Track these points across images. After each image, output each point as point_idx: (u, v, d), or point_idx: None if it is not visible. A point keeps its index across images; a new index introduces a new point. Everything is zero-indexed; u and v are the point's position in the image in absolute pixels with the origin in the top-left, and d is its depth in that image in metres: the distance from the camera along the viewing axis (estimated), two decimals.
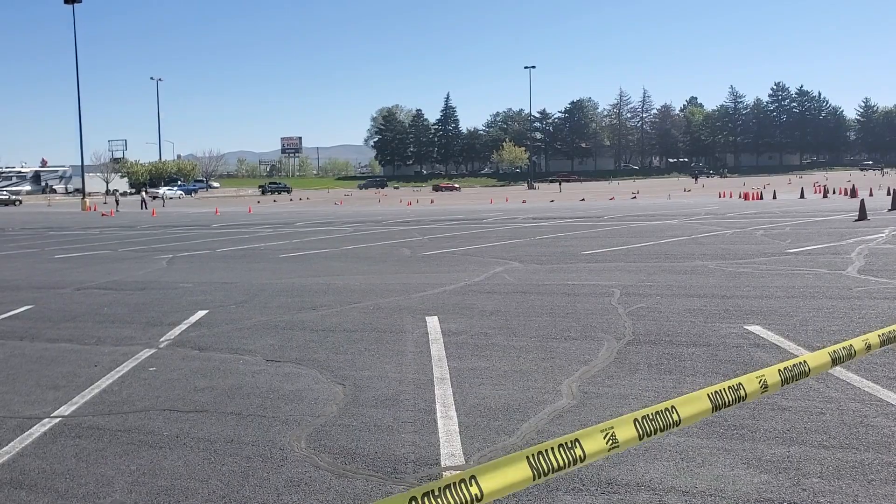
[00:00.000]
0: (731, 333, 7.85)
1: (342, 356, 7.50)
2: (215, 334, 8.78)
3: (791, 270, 12.19)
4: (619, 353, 7.19)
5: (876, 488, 4.12)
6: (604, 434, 2.12)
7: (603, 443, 2.10)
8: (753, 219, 25.29)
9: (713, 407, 2.45)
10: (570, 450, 2.03)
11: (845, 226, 20.73)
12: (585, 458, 2.05)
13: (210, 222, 36.04)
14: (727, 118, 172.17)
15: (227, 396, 6.29)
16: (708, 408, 2.42)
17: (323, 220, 34.80)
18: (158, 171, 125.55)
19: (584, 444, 2.06)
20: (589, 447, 2.06)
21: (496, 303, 10.13)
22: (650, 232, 21.23)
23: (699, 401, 2.41)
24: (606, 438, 2.11)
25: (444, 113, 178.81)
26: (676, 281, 11.53)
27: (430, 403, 5.89)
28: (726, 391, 2.51)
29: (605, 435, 2.11)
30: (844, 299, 9.47)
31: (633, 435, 2.18)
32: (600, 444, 2.09)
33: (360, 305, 10.32)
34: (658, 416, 2.27)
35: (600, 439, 2.10)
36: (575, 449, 2.04)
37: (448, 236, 22.43)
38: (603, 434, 2.11)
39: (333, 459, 4.83)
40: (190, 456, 4.98)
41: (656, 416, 2.26)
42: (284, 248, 19.98)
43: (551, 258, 15.30)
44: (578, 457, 2.04)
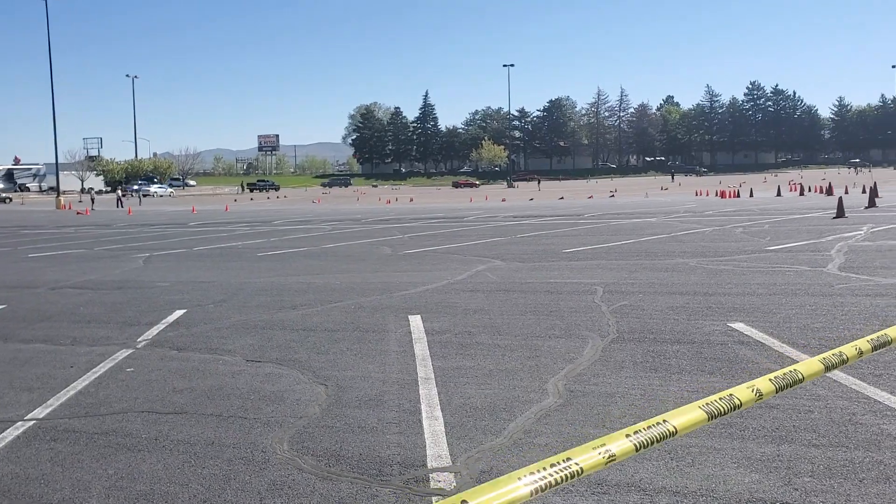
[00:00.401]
0: (715, 331, 7.83)
1: (324, 356, 7.38)
2: (194, 334, 8.63)
3: (772, 268, 12.23)
4: (604, 351, 7.13)
5: (868, 487, 4.08)
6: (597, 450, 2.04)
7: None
8: (732, 216, 25.42)
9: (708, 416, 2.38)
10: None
11: (824, 223, 20.89)
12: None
13: (187, 221, 35.67)
14: (703, 117, 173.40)
15: (206, 397, 6.16)
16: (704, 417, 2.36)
17: (301, 219, 34.57)
18: (134, 170, 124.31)
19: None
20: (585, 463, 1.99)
21: (479, 301, 10.05)
22: (630, 230, 21.27)
23: (693, 412, 2.34)
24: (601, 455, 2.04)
25: (422, 111, 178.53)
26: (658, 278, 11.52)
27: (415, 404, 5.79)
28: (717, 402, 2.44)
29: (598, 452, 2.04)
30: (826, 296, 9.49)
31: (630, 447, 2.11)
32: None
33: (341, 304, 10.20)
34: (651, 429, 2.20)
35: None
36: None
37: (429, 234, 22.34)
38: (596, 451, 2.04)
39: (317, 462, 4.73)
40: (169, 459, 4.86)
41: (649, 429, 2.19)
42: (262, 247, 19.79)
43: (533, 256, 15.26)
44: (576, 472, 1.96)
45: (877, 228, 18.59)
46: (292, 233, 25.06)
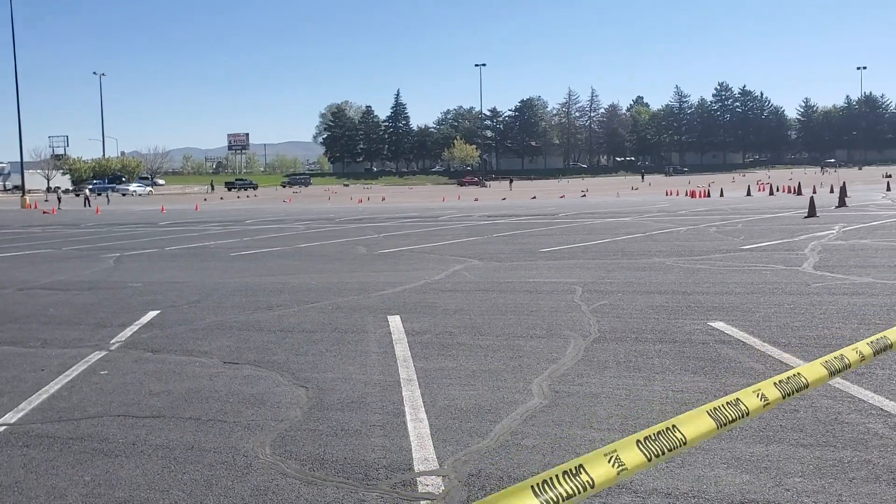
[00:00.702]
0: (696, 330, 7.82)
1: (303, 357, 7.26)
2: (168, 335, 8.45)
3: (748, 267, 12.30)
4: (587, 351, 7.09)
5: (858, 487, 4.07)
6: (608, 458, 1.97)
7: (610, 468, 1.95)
8: (705, 216, 25.61)
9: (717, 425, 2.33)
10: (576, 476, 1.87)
11: (796, 223, 21.10)
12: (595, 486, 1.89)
13: (157, 220, 35.20)
14: (672, 118, 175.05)
15: (184, 401, 6.02)
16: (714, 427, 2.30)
17: (273, 218, 34.27)
18: (102, 168, 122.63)
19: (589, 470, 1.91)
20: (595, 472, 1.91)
21: (459, 301, 9.98)
22: (605, 229, 21.33)
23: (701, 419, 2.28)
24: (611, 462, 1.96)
25: (394, 110, 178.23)
26: (636, 277, 11.53)
27: (399, 406, 5.70)
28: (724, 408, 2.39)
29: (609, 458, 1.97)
30: (804, 295, 9.55)
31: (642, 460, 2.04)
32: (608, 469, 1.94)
33: (318, 305, 10.07)
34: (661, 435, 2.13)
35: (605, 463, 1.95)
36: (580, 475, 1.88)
37: (404, 234, 22.23)
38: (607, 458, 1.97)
39: (301, 466, 4.62)
40: (148, 465, 4.72)
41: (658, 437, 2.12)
42: (235, 247, 19.55)
43: (510, 255, 15.22)
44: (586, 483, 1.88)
45: (848, 228, 18.82)
46: (265, 232, 24.81)
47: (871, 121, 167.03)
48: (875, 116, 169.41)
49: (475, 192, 73.67)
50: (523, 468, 4.46)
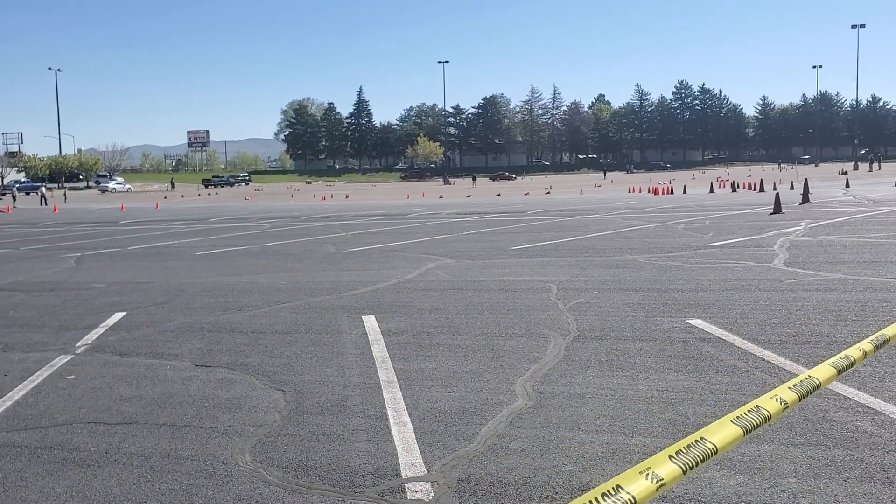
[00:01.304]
0: (675, 328, 7.80)
1: (278, 360, 7.08)
2: (137, 338, 8.21)
3: (720, 263, 12.35)
4: (568, 350, 7.02)
5: (853, 486, 4.03)
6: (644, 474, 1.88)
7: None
8: (672, 213, 25.79)
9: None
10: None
11: (762, 219, 21.32)
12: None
13: (117, 219, 34.53)
14: (633, 115, 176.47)
15: (157, 406, 5.81)
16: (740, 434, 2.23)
17: (237, 216, 33.81)
18: (58, 166, 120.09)
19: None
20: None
21: (434, 300, 9.85)
22: (575, 227, 21.35)
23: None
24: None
25: (356, 107, 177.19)
26: (610, 275, 11.50)
27: (381, 409, 5.56)
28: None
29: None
30: (778, 291, 9.59)
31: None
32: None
33: (290, 305, 9.87)
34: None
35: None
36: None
37: (372, 232, 22.04)
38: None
39: (283, 473, 4.46)
40: (123, 474, 4.53)
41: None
42: (200, 246, 19.19)
43: (482, 254, 15.12)
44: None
45: (815, 224, 19.06)
46: (229, 231, 24.44)
47: (827, 118, 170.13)
48: (830, 114, 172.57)
49: (438, 190, 73.54)
50: (514, 472, 4.35)
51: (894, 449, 4.49)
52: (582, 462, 4.48)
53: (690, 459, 2.00)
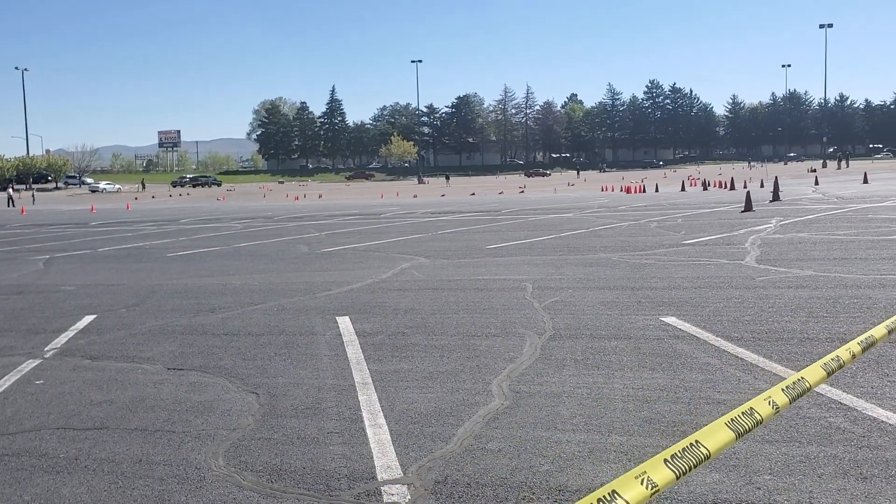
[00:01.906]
0: (649, 325, 7.83)
1: (251, 362, 7.00)
2: (107, 341, 8.08)
3: (692, 261, 12.43)
4: (544, 350, 7.01)
5: (828, 483, 4.06)
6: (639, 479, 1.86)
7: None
8: (644, 211, 25.95)
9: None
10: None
11: (733, 217, 21.50)
12: None
13: (87, 220, 34.06)
14: (605, 115, 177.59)
15: (128, 410, 5.72)
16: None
17: (208, 217, 33.51)
18: (26, 167, 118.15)
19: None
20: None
21: (409, 300, 9.81)
22: (549, 225, 21.40)
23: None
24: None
25: (329, 106, 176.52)
26: (584, 273, 11.53)
27: (356, 411, 5.52)
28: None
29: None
30: (750, 289, 9.67)
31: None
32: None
33: (263, 307, 9.78)
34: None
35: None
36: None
37: (346, 232, 21.93)
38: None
39: (258, 478, 4.40)
40: (93, 481, 4.44)
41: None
42: (172, 247, 18.98)
43: (457, 253, 15.10)
44: None
45: (785, 221, 19.27)
46: (201, 232, 24.20)
47: (796, 117, 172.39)
48: (799, 113, 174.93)
49: (413, 189, 73.40)
50: (491, 473, 4.33)
51: (867, 445, 4.53)
52: (559, 462, 4.47)
53: (685, 464, 2.00)
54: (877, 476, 4.11)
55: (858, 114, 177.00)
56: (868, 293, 9.08)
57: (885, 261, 11.62)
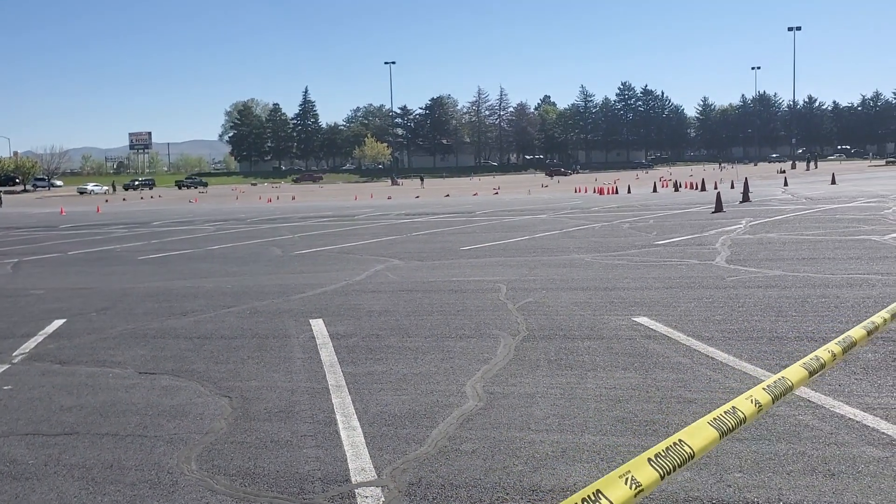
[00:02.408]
0: (622, 325, 7.89)
1: (223, 366, 6.96)
2: (77, 345, 7.98)
3: (663, 262, 12.54)
4: (518, 350, 7.04)
5: (796, 480, 4.12)
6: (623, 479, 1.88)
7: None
8: (617, 212, 26.13)
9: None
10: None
11: (704, 218, 21.72)
12: None
13: (56, 223, 33.61)
14: (578, 116, 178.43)
15: (99, 415, 5.66)
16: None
17: (181, 219, 33.20)
18: None
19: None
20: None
21: (383, 302, 9.80)
22: (523, 226, 21.48)
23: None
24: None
25: (302, 107, 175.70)
26: (558, 274, 11.60)
27: (330, 414, 5.50)
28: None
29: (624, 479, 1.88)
30: (720, 289, 9.78)
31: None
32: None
33: (236, 310, 9.72)
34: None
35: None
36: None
37: (320, 234, 21.84)
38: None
39: (231, 482, 4.38)
40: (63, 486, 4.39)
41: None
42: (143, 250, 18.79)
43: (431, 254, 15.11)
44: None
45: (755, 222, 19.50)
46: (173, 234, 23.98)
47: (765, 119, 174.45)
48: (769, 114, 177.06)
49: (387, 191, 73.28)
50: (465, 474, 4.34)
51: (835, 442, 4.60)
52: (532, 462, 4.49)
53: (669, 463, 2.01)
54: (844, 473, 4.18)
55: (827, 116, 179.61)
56: (836, 292, 9.22)
57: (853, 260, 11.82)
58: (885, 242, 13.97)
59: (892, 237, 14.73)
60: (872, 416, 5.02)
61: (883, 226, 17.01)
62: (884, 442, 4.58)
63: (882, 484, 4.03)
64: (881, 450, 4.47)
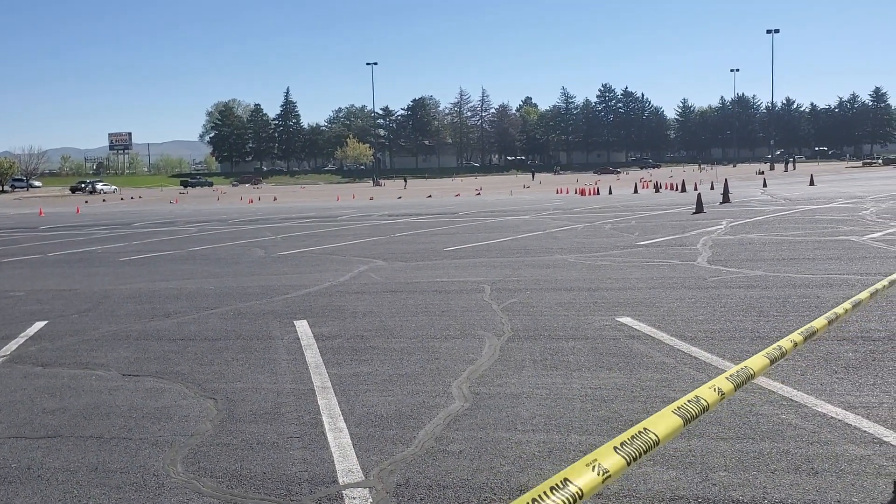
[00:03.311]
0: (606, 326, 7.93)
1: (208, 367, 6.93)
2: (59, 347, 7.92)
3: (646, 262, 12.62)
4: (503, 351, 7.07)
5: (780, 478, 4.17)
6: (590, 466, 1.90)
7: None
8: (599, 213, 26.24)
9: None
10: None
11: (685, 219, 21.86)
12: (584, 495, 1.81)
13: (36, 224, 33.26)
14: (559, 118, 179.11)
15: (83, 418, 5.62)
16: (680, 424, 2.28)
17: (162, 220, 32.97)
18: None
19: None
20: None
21: (367, 303, 9.79)
22: (506, 227, 21.53)
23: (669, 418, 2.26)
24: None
25: (284, 108, 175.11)
26: (542, 275, 11.64)
27: (316, 415, 5.50)
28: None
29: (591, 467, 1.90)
30: (702, 289, 9.85)
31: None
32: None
33: (219, 311, 9.68)
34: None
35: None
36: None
37: (303, 235, 21.77)
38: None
39: (217, 484, 4.37)
40: (47, 490, 4.36)
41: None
42: (125, 251, 18.65)
43: (415, 255, 15.11)
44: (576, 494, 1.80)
45: (735, 223, 19.66)
46: (155, 235, 23.81)
47: (744, 120, 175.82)
48: (747, 116, 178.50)
49: (369, 191, 73.15)
50: (451, 475, 4.35)
51: (818, 440, 4.66)
52: (519, 462, 4.51)
53: (634, 450, 2.04)
54: (827, 471, 4.23)
55: (804, 117, 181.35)
56: (816, 292, 9.33)
57: (832, 261, 11.95)
58: (864, 243, 14.13)
59: (870, 238, 14.91)
60: (854, 414, 5.08)
61: (861, 226, 17.21)
62: (865, 440, 4.64)
63: (864, 481, 4.09)
64: (863, 448, 4.53)
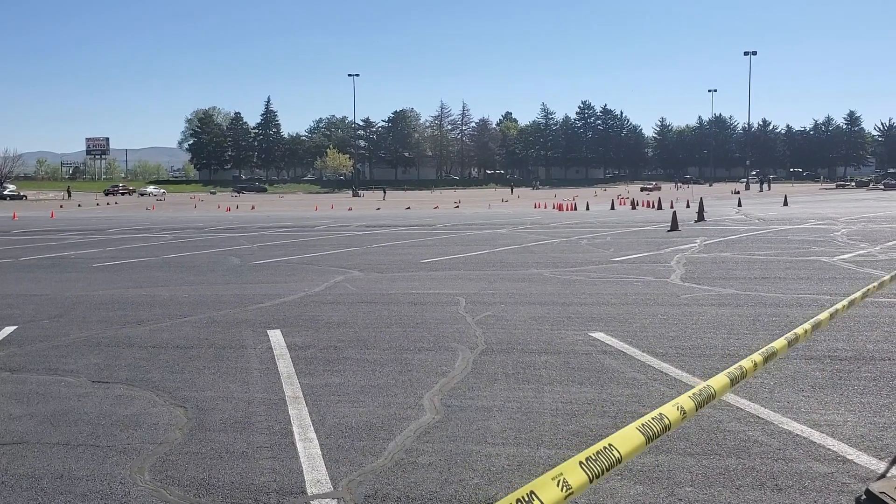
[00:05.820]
0: (578, 340, 7.98)
1: (179, 375, 6.89)
2: (28, 353, 7.83)
3: (620, 278, 12.72)
4: (476, 364, 7.09)
5: (745, 494, 4.21)
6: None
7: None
8: (575, 228, 26.40)
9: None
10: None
11: (660, 236, 22.06)
12: None
13: (8, 228, 32.87)
14: (539, 133, 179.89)
15: (50, 424, 5.56)
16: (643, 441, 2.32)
17: (137, 227, 32.71)
18: None
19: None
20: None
21: (342, 314, 9.78)
22: (483, 240, 21.59)
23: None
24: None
25: (264, 117, 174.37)
26: (517, 289, 11.69)
27: (286, 425, 5.48)
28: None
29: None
30: (675, 306, 9.95)
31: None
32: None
33: (192, 319, 9.62)
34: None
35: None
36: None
37: (279, 244, 21.69)
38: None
39: (184, 493, 4.34)
40: (12, 497, 4.31)
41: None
42: (98, 257, 18.47)
43: (391, 266, 15.11)
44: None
45: (709, 241, 19.86)
46: (130, 242, 23.62)
47: (721, 140, 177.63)
48: (724, 136, 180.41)
49: (348, 202, 73.06)
50: (420, 487, 4.36)
51: (783, 457, 4.72)
52: (488, 475, 4.53)
53: (598, 467, 2.07)
54: (791, 487, 4.29)
55: (780, 139, 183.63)
56: (786, 311, 9.45)
57: (803, 280, 12.11)
58: (834, 264, 14.34)
59: (841, 258, 15.13)
60: (819, 432, 5.15)
61: (832, 247, 17.46)
62: (829, 458, 4.71)
63: (827, 498, 4.15)
64: (827, 465, 4.59)
